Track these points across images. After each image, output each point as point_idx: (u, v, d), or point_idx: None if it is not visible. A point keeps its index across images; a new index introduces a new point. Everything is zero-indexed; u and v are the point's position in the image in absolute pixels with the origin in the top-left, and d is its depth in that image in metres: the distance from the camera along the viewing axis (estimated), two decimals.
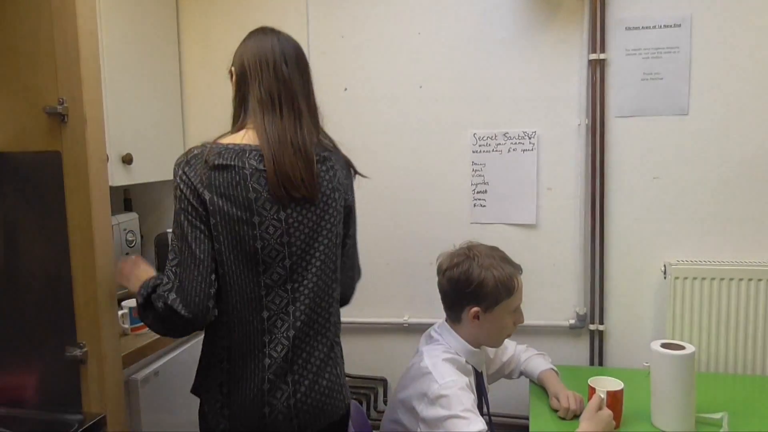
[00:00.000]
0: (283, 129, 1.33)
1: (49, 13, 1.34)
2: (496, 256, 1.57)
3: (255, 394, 1.29)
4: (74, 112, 1.34)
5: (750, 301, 1.95)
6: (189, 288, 1.21)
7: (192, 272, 1.22)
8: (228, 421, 1.29)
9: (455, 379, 1.44)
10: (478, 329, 1.56)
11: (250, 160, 1.28)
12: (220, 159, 1.26)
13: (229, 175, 1.25)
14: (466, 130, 2.19)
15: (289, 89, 1.37)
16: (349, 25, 2.24)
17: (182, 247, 1.23)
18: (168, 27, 2.32)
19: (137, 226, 2.20)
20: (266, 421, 1.29)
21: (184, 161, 1.27)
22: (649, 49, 2.02)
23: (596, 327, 2.15)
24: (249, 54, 1.37)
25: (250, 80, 1.35)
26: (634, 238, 2.10)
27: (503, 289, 1.53)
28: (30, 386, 1.44)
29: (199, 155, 1.26)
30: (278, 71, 1.37)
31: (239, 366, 1.29)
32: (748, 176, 2.01)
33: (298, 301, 1.33)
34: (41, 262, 1.40)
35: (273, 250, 1.29)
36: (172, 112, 2.33)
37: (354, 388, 2.37)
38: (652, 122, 2.05)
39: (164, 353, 1.77)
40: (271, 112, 1.33)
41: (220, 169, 1.25)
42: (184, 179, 1.25)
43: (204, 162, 1.25)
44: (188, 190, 1.24)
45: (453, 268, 1.56)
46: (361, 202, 2.29)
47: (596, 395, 1.48)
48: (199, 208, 1.24)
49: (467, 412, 1.38)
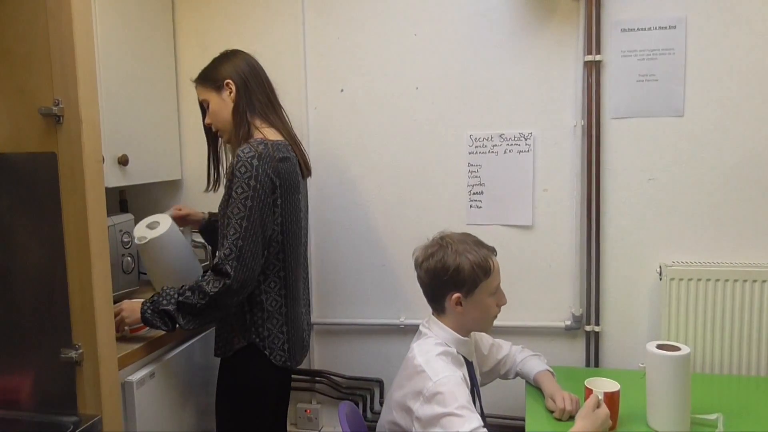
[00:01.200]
0: (289, 125, 1.78)
1: (44, 13, 1.33)
2: (469, 241, 1.58)
3: (303, 329, 1.79)
4: (70, 113, 1.34)
5: (745, 303, 1.95)
6: (249, 260, 1.54)
7: (253, 248, 1.54)
8: (287, 354, 1.69)
9: (449, 375, 1.44)
10: (463, 316, 1.57)
11: (290, 152, 1.69)
12: (281, 153, 1.63)
13: (289, 165, 1.65)
14: (462, 132, 2.19)
15: (274, 92, 1.77)
16: (345, 27, 2.24)
17: (248, 225, 1.53)
18: (164, 28, 2.32)
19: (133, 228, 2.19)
20: (305, 352, 1.82)
21: (255, 155, 1.56)
22: (644, 51, 2.03)
23: (592, 328, 2.15)
24: (241, 68, 1.71)
25: (250, 88, 1.70)
26: (629, 239, 2.11)
27: (480, 270, 1.54)
28: (25, 388, 1.44)
29: (265, 151, 1.58)
30: (265, 80, 1.75)
31: (293, 309, 1.71)
32: (742, 177, 2.02)
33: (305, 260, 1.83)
34: (36, 264, 1.40)
35: (304, 219, 1.78)
36: (168, 112, 2.33)
37: (350, 389, 2.37)
38: (648, 123, 2.06)
39: (160, 355, 1.77)
40: (274, 113, 1.74)
41: (283, 161, 1.63)
42: (258, 172, 1.55)
43: (272, 156, 1.59)
44: (261, 179, 1.55)
45: (429, 259, 1.57)
46: (356, 203, 2.31)
47: (594, 395, 1.49)
48: (269, 194, 1.58)
49: (462, 409, 1.37)
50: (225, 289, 1.52)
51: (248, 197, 1.54)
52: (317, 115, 2.30)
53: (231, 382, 1.70)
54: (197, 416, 1.91)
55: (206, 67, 1.76)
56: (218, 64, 1.73)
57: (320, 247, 2.33)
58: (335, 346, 2.39)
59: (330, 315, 2.37)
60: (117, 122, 2.01)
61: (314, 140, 2.31)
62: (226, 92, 1.69)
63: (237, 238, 1.52)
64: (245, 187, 1.54)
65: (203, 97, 1.75)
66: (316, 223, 2.33)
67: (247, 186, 1.54)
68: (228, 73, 1.70)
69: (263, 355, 1.66)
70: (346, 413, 1.62)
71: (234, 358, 1.67)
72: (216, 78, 1.71)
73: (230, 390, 1.71)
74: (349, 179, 2.30)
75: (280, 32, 2.30)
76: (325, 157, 2.31)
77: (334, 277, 2.35)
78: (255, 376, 1.68)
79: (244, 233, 1.53)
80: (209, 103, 1.73)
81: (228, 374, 1.71)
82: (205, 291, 1.53)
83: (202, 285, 1.54)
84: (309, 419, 2.43)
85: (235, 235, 1.53)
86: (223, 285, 1.52)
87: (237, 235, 1.53)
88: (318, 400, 2.44)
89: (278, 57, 2.29)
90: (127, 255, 2.06)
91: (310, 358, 2.40)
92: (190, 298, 1.54)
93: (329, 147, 2.30)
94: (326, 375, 2.38)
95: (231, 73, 1.69)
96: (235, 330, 1.66)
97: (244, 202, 1.54)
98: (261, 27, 2.31)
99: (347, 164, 2.30)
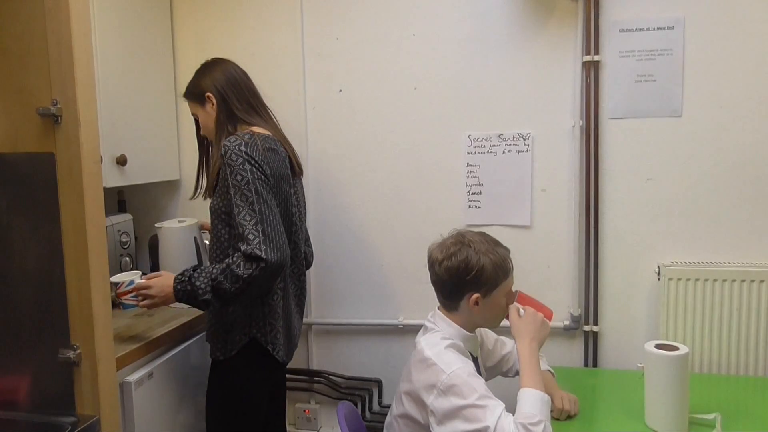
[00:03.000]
0: (278, 126, 1.78)
1: (42, 13, 1.33)
2: (489, 241, 1.58)
3: (295, 326, 1.79)
4: (68, 114, 1.34)
5: (743, 302, 1.96)
6: (275, 238, 1.52)
7: (275, 226, 1.53)
8: (284, 348, 1.71)
9: (462, 366, 1.43)
10: (477, 314, 1.57)
11: (279, 146, 1.67)
12: (267, 143, 1.62)
13: (277, 157, 1.63)
14: (461, 132, 2.19)
15: (257, 96, 1.78)
16: (343, 27, 2.24)
17: (261, 207, 1.52)
18: (162, 28, 2.32)
19: (131, 228, 2.20)
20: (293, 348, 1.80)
21: (242, 143, 1.55)
22: (642, 51, 2.03)
23: (590, 328, 2.15)
24: (218, 79, 1.73)
25: (228, 98, 1.72)
26: (628, 239, 2.11)
27: (501, 272, 1.54)
28: (23, 388, 1.44)
29: (251, 140, 1.57)
30: (245, 85, 1.76)
31: (288, 304, 1.73)
32: (741, 178, 2.02)
33: (298, 258, 1.78)
34: (35, 264, 1.40)
35: (296, 216, 1.73)
36: (167, 113, 2.33)
37: (348, 389, 2.37)
38: (646, 124, 2.06)
39: (158, 355, 1.77)
40: (257, 116, 1.74)
41: (270, 151, 1.61)
42: (250, 156, 1.54)
43: (258, 144, 1.57)
44: (255, 164, 1.54)
45: (450, 258, 1.55)
46: (355, 203, 2.31)
47: (512, 307, 1.57)
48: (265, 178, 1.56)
49: (483, 399, 1.36)
50: (261, 272, 1.49)
51: (250, 180, 1.53)
52: (315, 115, 2.30)
53: (228, 383, 1.67)
54: (195, 417, 1.91)
55: (189, 82, 1.80)
56: (198, 79, 1.77)
57: (319, 248, 2.32)
58: (334, 346, 2.39)
59: (328, 315, 2.37)
60: (115, 122, 2.01)
61: (312, 140, 2.31)
62: (209, 105, 1.73)
63: (256, 223, 1.50)
64: (243, 173, 1.53)
65: (192, 111, 1.80)
66: (314, 224, 2.33)
67: (245, 171, 1.53)
68: (207, 86, 1.73)
69: (265, 351, 1.65)
70: (345, 413, 1.62)
71: (233, 358, 1.65)
72: (197, 93, 1.75)
73: (228, 391, 1.68)
74: (347, 180, 2.30)
75: (279, 33, 2.30)
76: (324, 158, 2.31)
77: (332, 278, 2.35)
78: (256, 375, 1.67)
79: (260, 216, 1.51)
80: (198, 117, 1.79)
81: (225, 375, 1.68)
82: (237, 275, 1.49)
83: (234, 269, 1.49)
84: (307, 419, 2.42)
85: (252, 221, 1.50)
86: (256, 267, 1.48)
87: (255, 220, 1.51)
88: (316, 401, 2.43)
89: (277, 57, 2.29)
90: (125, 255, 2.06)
91: (309, 359, 2.40)
92: (224, 284, 1.50)
93: (328, 147, 2.30)
94: (325, 375, 2.38)
95: (209, 86, 1.72)
96: (234, 328, 1.64)
97: (248, 186, 1.53)
98: (259, 28, 2.31)
99: (346, 164, 2.30)
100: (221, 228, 1.64)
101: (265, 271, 1.49)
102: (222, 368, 1.69)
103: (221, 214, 1.64)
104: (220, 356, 1.66)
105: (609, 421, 1.60)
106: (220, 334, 1.66)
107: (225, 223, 1.63)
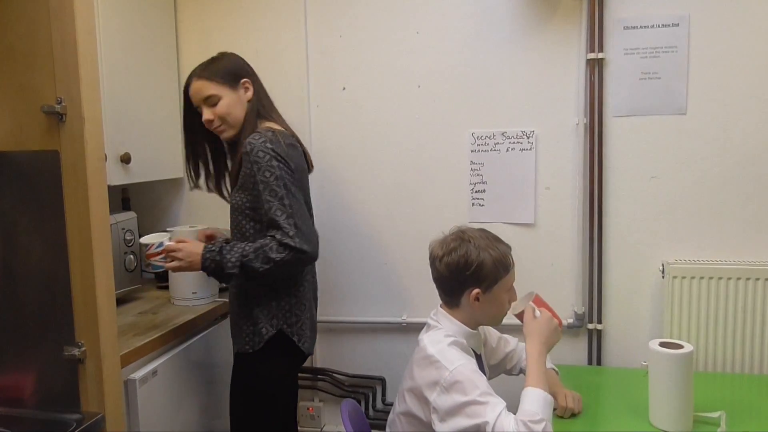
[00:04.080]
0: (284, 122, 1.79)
1: (47, 12, 1.33)
2: (489, 237, 1.59)
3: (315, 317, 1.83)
4: (72, 112, 1.34)
5: (748, 300, 1.95)
6: (307, 230, 1.59)
7: (306, 219, 1.61)
8: (309, 340, 1.74)
9: (464, 363, 1.44)
10: (478, 310, 1.57)
11: (297, 142, 1.72)
12: (288, 140, 1.66)
13: (297, 153, 1.70)
14: (465, 130, 2.19)
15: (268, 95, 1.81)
16: (347, 25, 2.24)
17: (291, 202, 1.58)
18: (166, 26, 2.32)
19: (135, 226, 2.20)
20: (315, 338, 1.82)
21: (267, 140, 1.59)
22: (647, 49, 2.03)
23: (594, 326, 2.15)
24: (251, 70, 1.76)
25: (261, 90, 1.76)
26: (632, 237, 2.11)
27: (501, 267, 1.54)
28: (28, 386, 1.44)
29: (274, 137, 1.61)
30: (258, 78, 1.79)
31: (314, 296, 1.81)
32: (745, 175, 2.01)
33: None
34: (39, 262, 1.40)
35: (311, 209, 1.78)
36: (171, 111, 2.33)
37: (352, 387, 2.37)
38: (650, 121, 2.05)
39: (163, 352, 1.77)
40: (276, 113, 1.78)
41: (291, 147, 1.66)
42: (276, 153, 1.58)
43: (280, 141, 1.61)
44: (282, 160, 1.59)
45: (450, 254, 1.56)
46: (358, 201, 2.31)
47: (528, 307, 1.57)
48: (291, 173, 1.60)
49: (485, 396, 1.37)
50: (294, 259, 1.56)
51: (278, 176, 1.57)
52: (319, 113, 2.30)
53: (255, 375, 1.68)
54: (200, 414, 1.91)
55: (214, 64, 1.71)
56: (230, 63, 1.72)
57: (322, 246, 2.29)
58: (338, 344, 2.40)
59: (332, 313, 2.37)
60: (119, 120, 2.01)
61: (316, 138, 2.31)
62: (242, 90, 1.71)
63: (287, 216, 1.56)
64: (272, 169, 1.57)
65: (212, 92, 1.67)
66: (317, 221, 2.31)
67: (273, 167, 1.57)
68: (246, 72, 1.73)
69: (291, 342, 1.67)
70: (349, 411, 1.62)
71: (259, 350, 1.66)
72: (233, 74, 1.70)
73: (256, 383, 1.69)
74: (350, 177, 2.30)
75: (283, 30, 2.30)
76: (327, 156, 2.31)
77: (336, 276, 2.35)
78: (282, 365, 1.69)
79: (291, 210, 1.57)
80: (219, 99, 1.67)
81: (252, 367, 1.69)
82: (270, 257, 1.55)
83: (267, 251, 1.56)
84: (311, 417, 2.43)
85: (284, 215, 1.56)
86: (290, 253, 1.55)
87: (286, 214, 1.56)
88: (320, 398, 2.44)
89: (280, 55, 2.29)
90: (129, 253, 2.07)
91: (313, 356, 2.40)
92: (254, 262, 1.56)
93: (331, 145, 2.30)
94: (329, 373, 2.38)
95: (249, 73, 1.73)
96: (260, 320, 1.66)
97: (277, 182, 1.57)
98: (263, 25, 2.31)
99: (349, 162, 2.30)
100: (245, 224, 1.66)
101: (298, 260, 1.57)
102: (247, 360, 1.70)
103: (245, 210, 1.65)
104: (249, 349, 1.68)
105: (613, 420, 1.60)
106: (247, 327, 1.68)
107: (249, 218, 1.65)
